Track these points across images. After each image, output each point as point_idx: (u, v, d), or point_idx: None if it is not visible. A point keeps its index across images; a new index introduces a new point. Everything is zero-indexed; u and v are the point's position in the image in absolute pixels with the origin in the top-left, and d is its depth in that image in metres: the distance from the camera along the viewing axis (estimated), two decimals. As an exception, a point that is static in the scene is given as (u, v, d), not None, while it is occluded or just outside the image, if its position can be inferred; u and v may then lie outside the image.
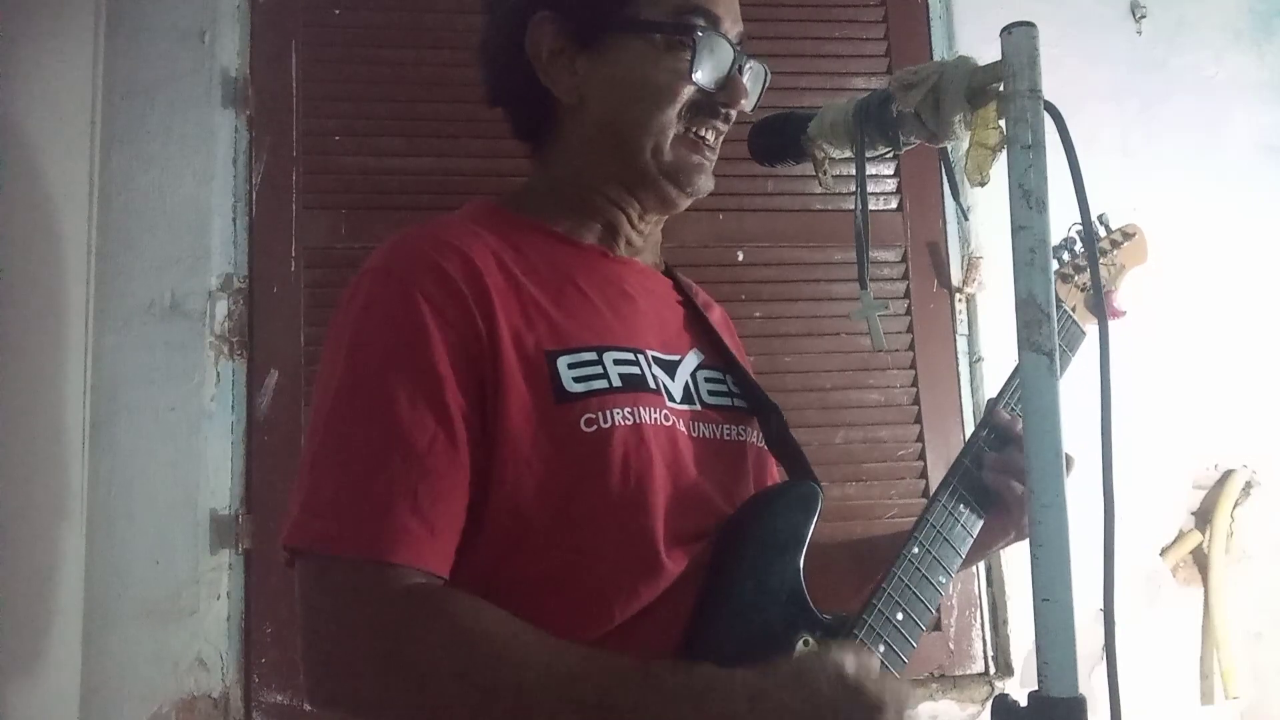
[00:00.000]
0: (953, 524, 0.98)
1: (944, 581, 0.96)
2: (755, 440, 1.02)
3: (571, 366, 0.87)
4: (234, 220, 1.84)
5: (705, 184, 0.98)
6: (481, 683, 0.76)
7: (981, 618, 1.95)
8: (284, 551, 0.83)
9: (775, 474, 1.05)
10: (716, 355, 1.03)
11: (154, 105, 1.84)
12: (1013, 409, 1.03)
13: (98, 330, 1.74)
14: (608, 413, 0.86)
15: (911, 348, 2.00)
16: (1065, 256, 1.16)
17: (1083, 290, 1.16)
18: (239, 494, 1.76)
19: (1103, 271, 1.21)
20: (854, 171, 0.90)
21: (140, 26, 1.85)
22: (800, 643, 0.87)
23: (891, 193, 2.06)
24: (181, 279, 1.80)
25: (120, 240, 1.78)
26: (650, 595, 0.85)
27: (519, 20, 0.97)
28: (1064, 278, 1.15)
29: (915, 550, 0.95)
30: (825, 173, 0.97)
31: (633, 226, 1.00)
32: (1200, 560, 2.07)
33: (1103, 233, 1.23)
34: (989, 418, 1.04)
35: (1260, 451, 2.11)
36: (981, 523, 1.00)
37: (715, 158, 0.99)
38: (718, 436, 0.97)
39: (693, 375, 0.99)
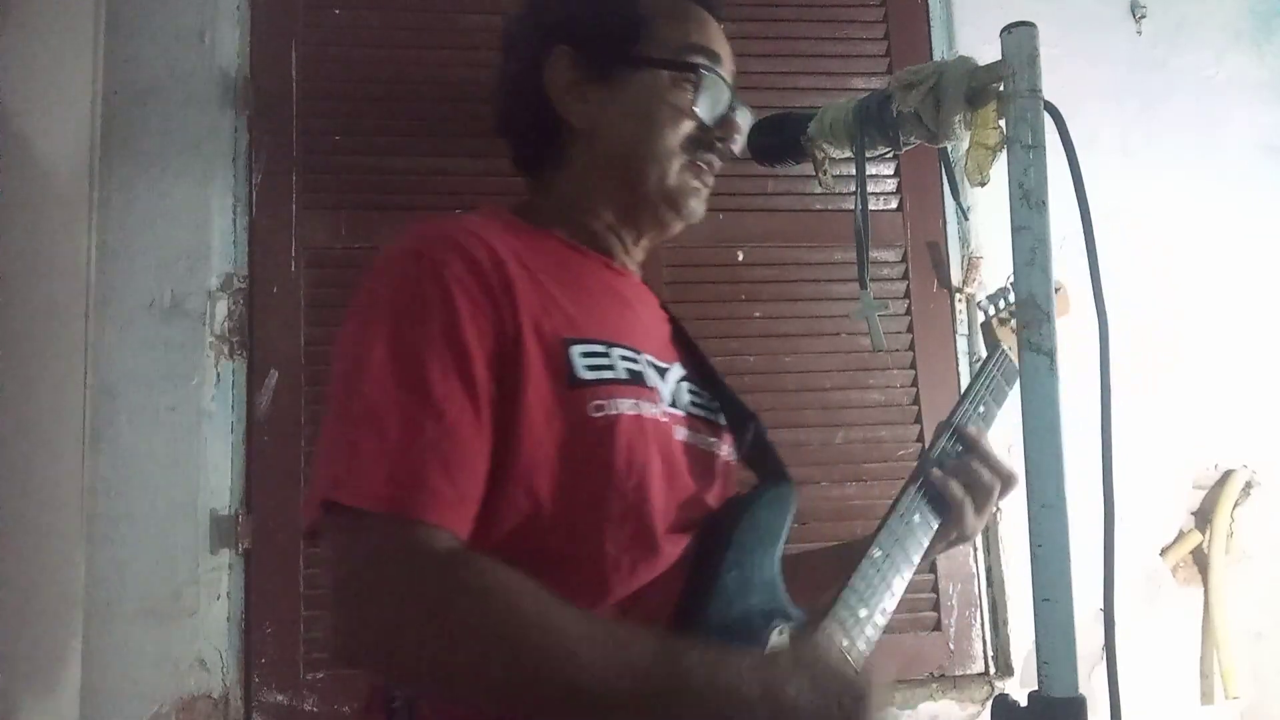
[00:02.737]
0: (908, 531, 1.05)
1: (900, 582, 1.03)
2: (725, 454, 1.08)
3: (584, 355, 0.92)
4: (234, 220, 1.84)
5: (698, 210, 1.06)
6: (513, 643, 0.77)
7: (981, 618, 1.95)
8: (317, 508, 0.83)
9: (734, 487, 1.10)
10: (696, 370, 1.09)
11: (154, 105, 1.83)
12: (977, 421, 1.14)
13: (98, 330, 1.74)
14: (615, 401, 0.92)
15: (911, 348, 1.99)
16: (1000, 303, 1.27)
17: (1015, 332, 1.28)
18: (239, 494, 1.76)
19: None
20: (854, 171, 0.91)
21: (140, 26, 1.85)
22: (775, 631, 0.92)
23: (891, 193, 2.06)
24: (181, 279, 1.80)
25: (120, 240, 1.78)
26: (647, 576, 0.90)
27: (537, 54, 1.05)
28: (1002, 321, 1.25)
29: (876, 553, 1.02)
30: (825, 173, 0.98)
31: (626, 251, 1.08)
32: (1200, 560, 2.07)
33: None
34: (948, 430, 1.12)
35: (1260, 451, 2.10)
36: (935, 528, 1.08)
37: (711, 184, 1.06)
38: (696, 445, 1.02)
39: (678, 384, 1.04)
